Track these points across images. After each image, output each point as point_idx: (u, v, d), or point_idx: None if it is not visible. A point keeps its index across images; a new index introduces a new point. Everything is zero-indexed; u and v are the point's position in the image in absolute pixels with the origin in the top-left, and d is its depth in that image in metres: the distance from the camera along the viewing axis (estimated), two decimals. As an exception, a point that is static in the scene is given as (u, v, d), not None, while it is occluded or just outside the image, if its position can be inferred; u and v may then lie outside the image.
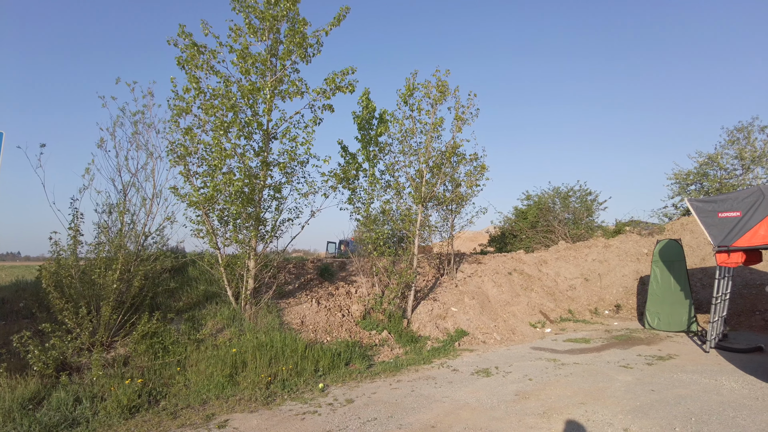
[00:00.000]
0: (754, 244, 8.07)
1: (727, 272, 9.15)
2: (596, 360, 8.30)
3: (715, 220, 8.51)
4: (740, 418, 5.27)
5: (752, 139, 19.72)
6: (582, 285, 14.49)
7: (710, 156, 20.47)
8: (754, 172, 19.47)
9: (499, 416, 5.49)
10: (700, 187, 20.73)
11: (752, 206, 8.11)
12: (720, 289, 8.97)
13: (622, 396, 6.18)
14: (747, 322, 11.32)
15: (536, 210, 21.30)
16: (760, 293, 11.79)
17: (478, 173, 11.81)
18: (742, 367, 7.55)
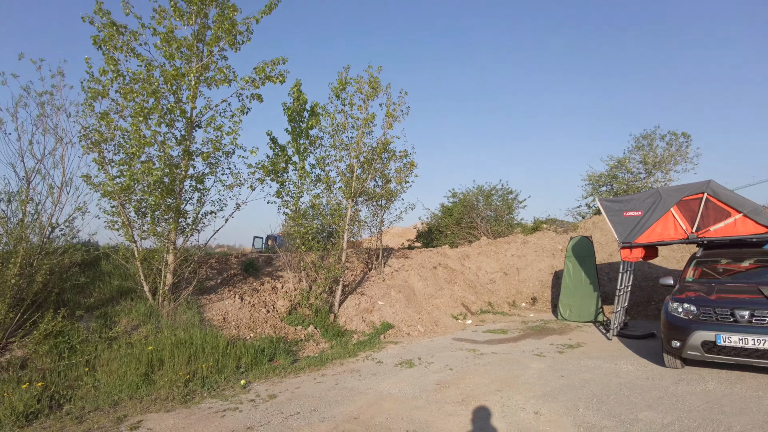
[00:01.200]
0: (651, 240, 8.88)
1: (629, 266, 9.99)
2: (513, 349, 8.76)
3: (620, 218, 9.25)
4: (633, 396, 5.80)
5: (654, 146, 21.62)
6: (501, 279, 15.22)
7: (619, 160, 22.18)
8: (655, 176, 21.38)
9: (420, 405, 5.66)
10: (610, 188, 22.41)
11: (651, 206, 8.91)
12: (623, 282, 9.80)
13: (534, 382, 6.58)
14: (644, 312, 12.43)
15: (461, 207, 22.04)
16: (655, 285, 12.98)
17: (408, 170, 12.04)
18: (637, 351, 8.29)
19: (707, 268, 8.25)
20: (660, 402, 5.59)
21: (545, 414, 5.29)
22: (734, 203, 8.19)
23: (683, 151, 21.09)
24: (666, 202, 8.72)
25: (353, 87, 10.81)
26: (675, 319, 6.75)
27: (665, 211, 8.68)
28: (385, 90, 11.06)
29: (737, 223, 8.10)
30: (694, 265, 8.33)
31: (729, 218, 8.17)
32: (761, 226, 7.92)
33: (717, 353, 6.34)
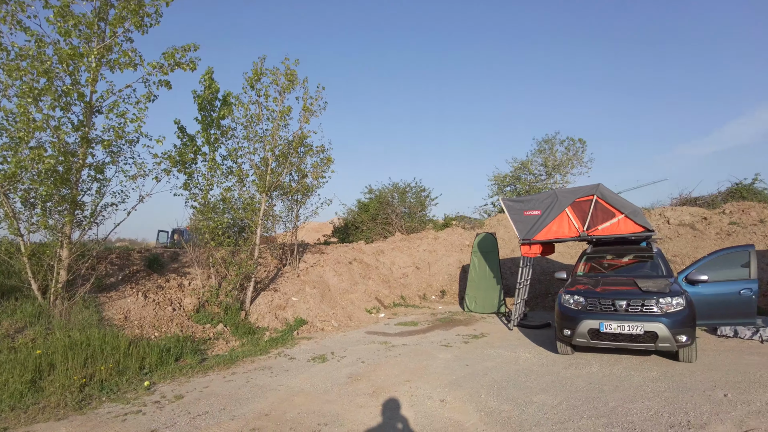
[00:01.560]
0: (548, 238, 9.66)
1: (528, 261, 10.78)
2: (422, 341, 9.13)
3: (521, 217, 9.94)
4: (529, 381, 6.32)
5: (554, 150, 23.36)
6: (414, 273, 15.73)
7: (522, 162, 23.72)
8: (554, 178, 23.12)
9: (332, 399, 5.75)
10: (514, 188, 23.89)
11: (549, 206, 9.69)
12: (523, 276, 10.57)
13: (441, 372, 6.93)
14: (542, 303, 13.48)
15: (377, 203, 22.40)
16: (552, 279, 14.11)
17: (324, 165, 12.03)
18: (535, 340, 9.00)
19: (595, 263, 9.15)
20: (552, 385, 6.14)
21: (450, 401, 5.61)
22: (618, 205, 9.15)
23: (579, 156, 23.03)
24: (561, 203, 9.53)
25: (269, 78, 10.60)
26: (566, 310, 7.43)
27: (561, 210, 9.49)
28: (303, 83, 10.97)
29: (620, 223, 9.06)
30: (585, 260, 9.20)
31: (614, 218, 9.12)
32: (639, 226, 8.93)
33: (600, 339, 7.08)
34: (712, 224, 14.87)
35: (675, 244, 14.40)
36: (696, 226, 15.02)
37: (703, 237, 14.36)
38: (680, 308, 6.86)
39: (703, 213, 15.65)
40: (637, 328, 6.77)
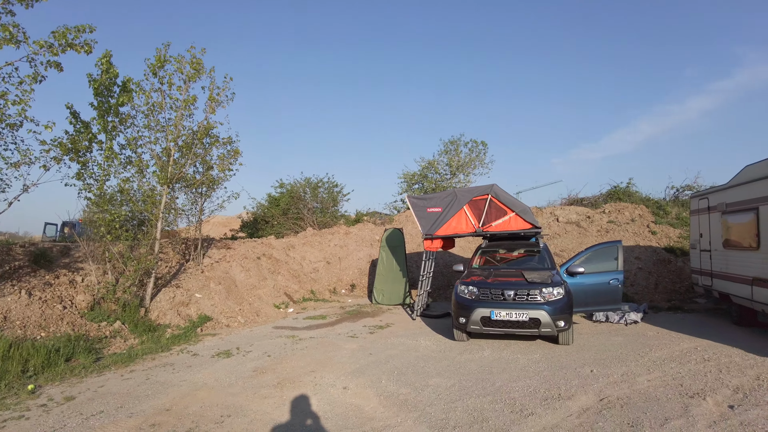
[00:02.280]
0: (449, 233, 10.30)
1: (431, 255, 11.41)
2: (329, 333, 9.36)
3: (425, 213, 10.50)
4: (427, 366, 6.79)
5: (459, 151, 24.57)
6: (324, 267, 15.90)
7: (430, 162, 24.71)
8: (458, 177, 24.36)
9: (236, 392, 5.79)
10: (421, 186, 24.80)
11: (449, 204, 10.33)
12: (426, 269, 11.17)
13: (346, 361, 7.20)
14: (444, 294, 14.28)
15: (288, 198, 22.22)
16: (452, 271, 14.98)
17: (232, 157, 11.78)
18: (435, 329, 9.59)
19: (489, 256, 9.94)
20: (447, 369, 6.65)
21: (353, 388, 5.90)
22: (510, 204, 10.00)
23: (481, 157, 24.47)
24: (460, 201, 10.22)
25: (173, 66, 10.20)
26: (462, 300, 8.04)
27: (459, 208, 10.17)
28: (209, 73, 10.68)
29: (511, 220, 9.92)
30: (480, 254, 9.95)
31: (506, 216, 9.95)
32: (528, 223, 9.84)
33: (492, 326, 7.76)
34: (594, 222, 16.60)
35: (563, 240, 15.90)
36: (581, 223, 16.67)
37: (587, 234, 16.00)
38: (560, 297, 7.71)
39: (588, 212, 17.41)
40: (523, 315, 7.52)
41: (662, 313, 10.94)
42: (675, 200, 18.25)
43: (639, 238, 15.24)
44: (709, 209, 10.16)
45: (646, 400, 5.21)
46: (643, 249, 14.43)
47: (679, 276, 13.20)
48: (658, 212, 16.87)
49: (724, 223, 9.35)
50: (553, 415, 4.85)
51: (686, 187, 18.63)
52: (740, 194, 8.72)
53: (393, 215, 21.85)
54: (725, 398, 5.24)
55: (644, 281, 13.21)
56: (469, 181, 24.13)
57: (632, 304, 11.16)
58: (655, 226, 15.77)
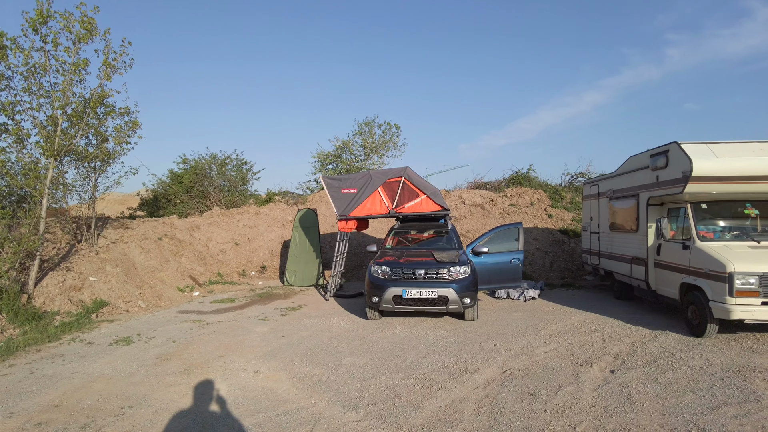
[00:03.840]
0: (363, 214, 10.36)
1: (345, 236, 11.42)
2: (239, 317, 9.07)
3: (339, 194, 10.45)
4: (340, 346, 6.84)
5: (373, 132, 24.66)
6: (232, 249, 15.32)
7: (344, 142, 24.55)
8: (372, 159, 24.50)
9: (138, 381, 5.44)
10: (336, 166, 24.63)
11: (364, 185, 10.36)
12: (339, 250, 11.17)
13: (257, 345, 7.03)
14: (358, 275, 14.41)
15: (193, 175, 21.01)
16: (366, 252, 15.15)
17: (130, 129, 10.82)
18: (348, 309, 9.66)
19: (402, 237, 10.16)
20: (360, 348, 6.74)
21: (264, 371, 5.78)
22: (422, 186, 10.26)
23: (395, 140, 24.77)
24: (375, 183, 10.29)
25: (59, 23, 9.07)
26: (375, 279, 8.16)
27: (374, 189, 10.24)
28: (104, 35, 9.64)
29: (423, 202, 10.19)
30: (393, 235, 10.14)
31: (418, 198, 10.20)
32: (438, 205, 10.17)
33: (403, 304, 7.97)
34: (497, 205, 17.55)
35: (468, 221, 16.65)
36: (485, 206, 17.55)
37: (490, 216, 16.89)
38: (466, 275, 8.10)
39: (491, 196, 18.35)
40: (433, 293, 7.81)
41: (557, 290, 11.91)
42: (570, 186, 19.79)
43: (537, 220, 16.40)
44: (598, 195, 11.16)
45: (543, 370, 5.67)
46: (541, 231, 15.56)
47: (571, 255, 14.43)
48: (554, 197, 18.22)
49: (611, 208, 10.33)
50: (461, 389, 5.11)
51: (579, 174, 20.28)
52: (624, 182, 9.67)
53: (307, 195, 21.51)
54: (608, 364, 5.85)
55: (541, 260, 14.28)
56: (382, 163, 24.38)
57: (530, 281, 12.02)
58: (551, 209, 17.04)
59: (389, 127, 24.47)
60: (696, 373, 5.45)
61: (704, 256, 6.96)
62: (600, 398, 4.77)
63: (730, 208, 7.73)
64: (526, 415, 4.39)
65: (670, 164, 7.75)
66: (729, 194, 7.50)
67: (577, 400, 4.72)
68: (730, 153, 7.23)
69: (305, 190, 23.86)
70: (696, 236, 7.34)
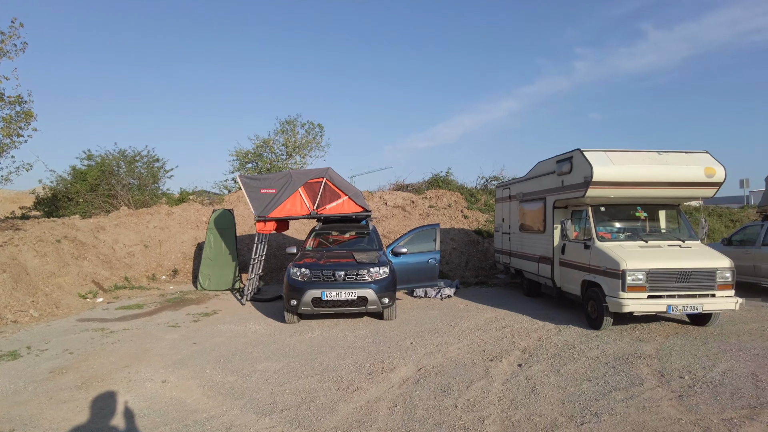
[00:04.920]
0: (282, 215, 10.15)
1: (264, 238, 11.12)
2: (147, 323, 8.53)
3: (257, 194, 10.16)
4: (256, 352, 6.64)
5: (296, 131, 24.26)
6: (141, 252, 14.39)
7: (264, 140, 23.91)
8: (294, 159, 24.10)
9: (24, 400, 4.93)
10: (255, 165, 23.92)
11: (284, 186, 10.15)
12: (257, 252, 10.86)
13: (166, 353, 6.65)
14: (277, 277, 14.08)
15: (98, 172, 19.47)
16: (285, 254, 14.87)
17: (22, 120, 9.85)
18: (266, 313, 9.42)
19: (322, 238, 10.08)
20: (276, 353, 6.59)
21: (173, 381, 5.48)
22: (343, 188, 10.25)
23: (318, 140, 24.53)
24: (295, 183, 10.12)
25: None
26: (294, 282, 8.02)
27: (294, 190, 10.07)
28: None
29: (344, 203, 10.18)
30: (313, 236, 10.04)
31: (339, 199, 10.18)
32: (359, 207, 10.21)
33: (323, 306, 7.91)
34: (417, 207, 17.95)
35: (390, 222, 16.88)
36: (406, 207, 17.89)
37: (411, 217, 17.24)
38: (385, 275, 8.20)
39: (412, 197, 18.73)
40: (352, 294, 7.82)
41: (471, 288, 12.40)
42: (484, 189, 20.69)
43: (454, 221, 16.98)
44: (510, 198, 11.76)
45: (456, 366, 5.86)
46: (457, 231, 16.13)
47: (485, 255, 15.08)
48: (470, 199, 18.96)
49: (521, 210, 10.92)
50: (377, 388, 5.15)
51: (493, 177, 21.26)
52: (533, 186, 10.26)
53: (223, 195, 20.71)
54: (516, 358, 6.17)
55: (457, 260, 14.79)
56: (305, 163, 24.06)
57: (447, 280, 12.42)
58: (467, 211, 17.72)
59: (312, 126, 24.21)
60: (593, 363, 5.90)
61: (602, 255, 7.55)
62: (508, 391, 5.02)
63: (624, 211, 8.46)
64: (439, 412, 4.51)
65: (574, 170, 8.34)
66: (623, 198, 8.20)
67: (487, 394, 4.92)
68: (624, 161, 7.91)
69: (222, 189, 22.99)
70: (595, 237, 7.94)
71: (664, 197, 8.28)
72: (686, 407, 4.52)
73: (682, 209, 8.83)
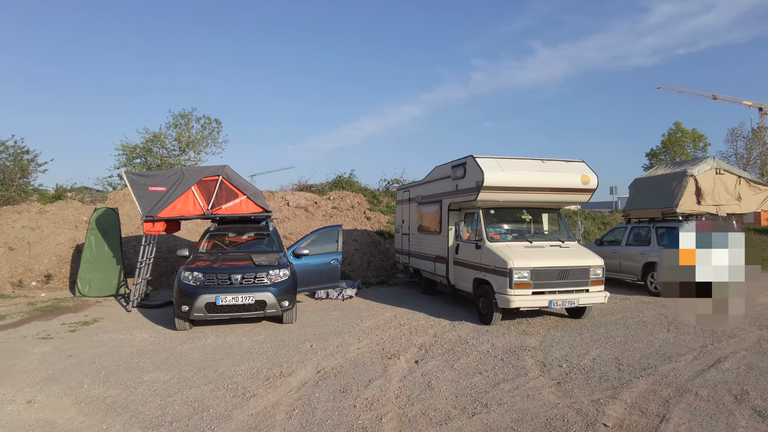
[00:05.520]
0: (173, 215, 9.53)
1: (152, 239, 10.37)
2: (10, 336, 7.55)
3: (145, 192, 9.44)
4: (143, 362, 6.17)
5: (190, 126, 22.95)
6: (5, 255, 12.70)
7: (155, 134, 22.31)
8: (189, 155, 22.79)
9: None
10: (145, 161, 22.24)
11: (175, 183, 9.53)
12: (145, 254, 10.10)
13: (34, 369, 5.94)
14: (168, 282, 13.17)
15: (-50, 164, 16.86)
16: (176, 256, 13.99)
17: None
18: (155, 320, 8.78)
19: (218, 240, 9.64)
20: (166, 362, 6.17)
21: (41, 400, 4.91)
22: (242, 187, 9.87)
23: (215, 136, 23.41)
24: (188, 181, 9.55)
25: None
26: (185, 286, 7.57)
27: (187, 188, 9.50)
28: None
29: (243, 203, 9.80)
30: (208, 237, 9.55)
31: (237, 199, 9.78)
32: (259, 207, 9.90)
33: (217, 311, 7.55)
34: (320, 207, 17.83)
35: (292, 224, 16.58)
36: (309, 208, 17.69)
37: (314, 218, 17.08)
38: (286, 278, 8.04)
39: (315, 198, 18.57)
40: (250, 298, 7.56)
41: (372, 288, 12.59)
42: (386, 191, 21.11)
43: (357, 222, 17.13)
44: (409, 200, 12.13)
45: (355, 366, 5.91)
46: (360, 232, 16.29)
47: (386, 255, 15.39)
48: (373, 201, 19.24)
49: (419, 212, 11.31)
50: (275, 393, 5.03)
51: (395, 180, 21.76)
52: (431, 189, 10.68)
53: (107, 192, 18.96)
54: (413, 355, 6.37)
55: (360, 260, 14.94)
56: (200, 160, 22.84)
57: (349, 281, 12.49)
58: (370, 212, 17.96)
59: (209, 121, 23.08)
60: (483, 357, 6.27)
61: (491, 255, 8.06)
62: (405, 388, 5.16)
63: (512, 214, 9.11)
64: (337, 413, 4.52)
65: (467, 175, 8.80)
66: (511, 202, 8.82)
67: (385, 392, 5.03)
68: (512, 167, 8.51)
69: (106, 186, 21.10)
70: (486, 237, 8.45)
71: (546, 201, 9.03)
72: (563, 393, 4.97)
73: (562, 213, 9.71)
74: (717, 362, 5.90)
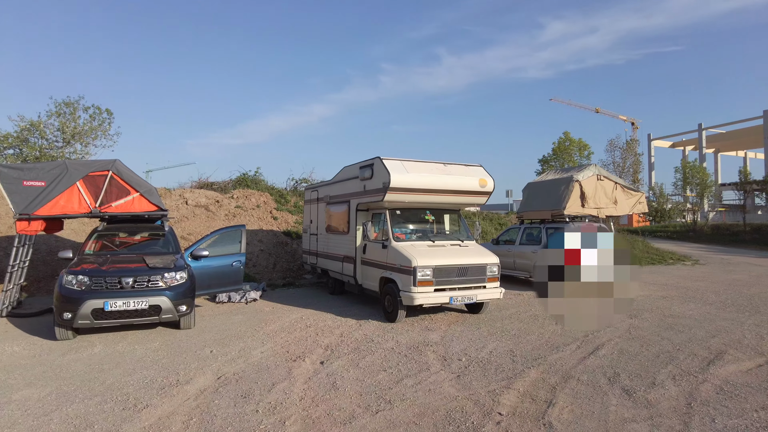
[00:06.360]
0: (54, 213, 8.59)
1: (28, 240, 9.30)
2: None
3: (19, 188, 8.42)
4: (11, 379, 5.48)
5: (77, 116, 20.80)
6: None
7: (33, 123, 19.97)
8: (74, 147, 20.68)
9: None
10: (19, 152, 19.83)
11: (56, 178, 8.61)
12: (18, 257, 9.02)
13: None
14: (49, 287, 11.85)
15: None
16: (58, 259, 12.66)
17: None
18: (31, 330, 7.86)
19: (107, 240, 8.87)
20: (42, 377, 5.56)
21: None
22: (134, 183, 9.15)
23: (105, 127, 21.43)
24: (72, 176, 8.67)
25: None
26: (68, 291, 6.87)
27: (71, 184, 8.62)
28: None
29: (135, 201, 9.09)
30: (95, 238, 8.76)
31: (129, 196, 9.05)
32: (153, 205, 9.24)
33: (106, 318, 6.95)
34: (223, 206, 17.09)
35: (191, 223, 15.71)
36: (210, 207, 16.88)
37: (215, 217, 16.32)
38: (183, 281, 7.60)
39: (217, 197, 17.76)
40: (143, 303, 7.05)
41: (278, 290, 12.31)
42: (294, 190, 20.78)
43: (263, 222, 16.66)
44: (318, 200, 12.04)
45: (258, 371, 5.74)
46: (266, 233, 15.86)
47: (293, 256, 15.14)
48: (280, 200, 18.83)
49: (327, 212, 11.27)
50: (171, 403, 4.74)
51: (303, 179, 21.51)
52: (339, 189, 10.69)
53: (-30, 188, 16.66)
54: (319, 356, 6.34)
55: (265, 261, 14.54)
56: (88, 153, 20.80)
57: (253, 283, 12.10)
58: (277, 212, 17.56)
59: (99, 111, 21.03)
60: (388, 354, 6.39)
61: (397, 254, 8.25)
62: (309, 389, 5.11)
63: (417, 214, 9.39)
64: (238, 419, 4.36)
65: (375, 176, 8.93)
66: (415, 203, 9.08)
67: (289, 395, 4.94)
68: (417, 170, 8.78)
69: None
70: (392, 237, 8.63)
71: (448, 203, 9.43)
72: (462, 385, 5.22)
73: (462, 214, 10.20)
74: (595, 350, 6.54)
